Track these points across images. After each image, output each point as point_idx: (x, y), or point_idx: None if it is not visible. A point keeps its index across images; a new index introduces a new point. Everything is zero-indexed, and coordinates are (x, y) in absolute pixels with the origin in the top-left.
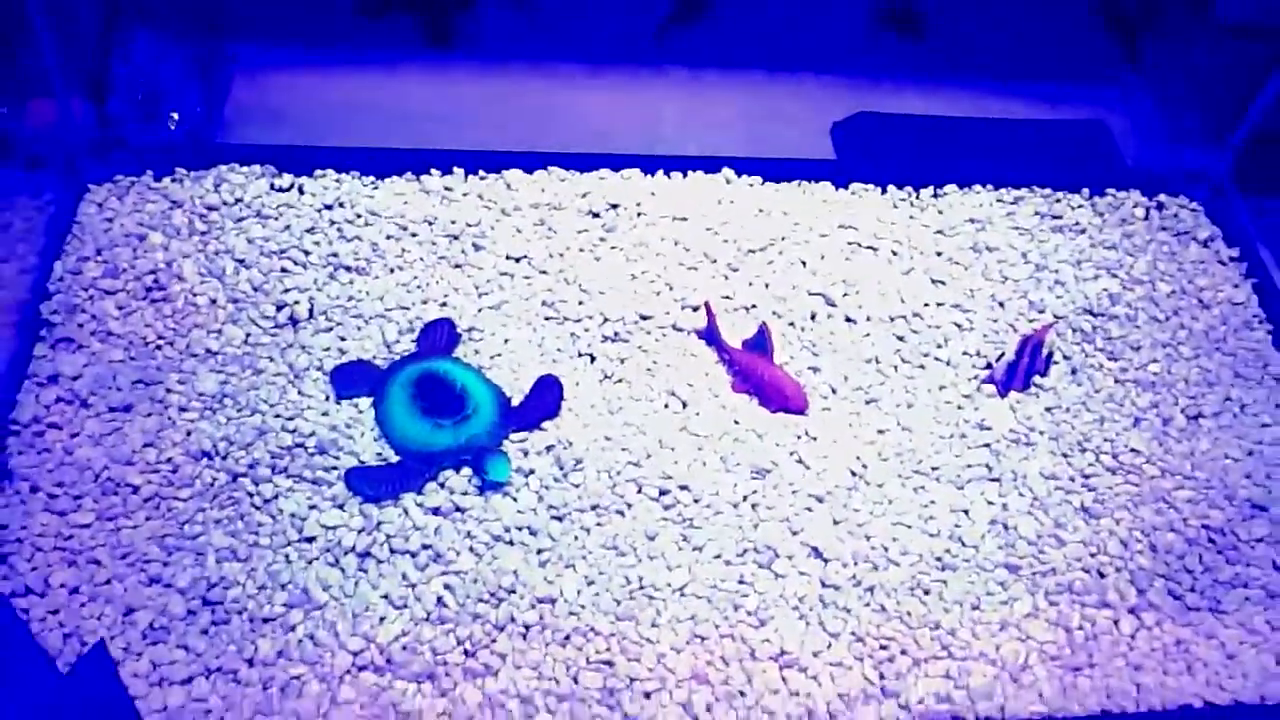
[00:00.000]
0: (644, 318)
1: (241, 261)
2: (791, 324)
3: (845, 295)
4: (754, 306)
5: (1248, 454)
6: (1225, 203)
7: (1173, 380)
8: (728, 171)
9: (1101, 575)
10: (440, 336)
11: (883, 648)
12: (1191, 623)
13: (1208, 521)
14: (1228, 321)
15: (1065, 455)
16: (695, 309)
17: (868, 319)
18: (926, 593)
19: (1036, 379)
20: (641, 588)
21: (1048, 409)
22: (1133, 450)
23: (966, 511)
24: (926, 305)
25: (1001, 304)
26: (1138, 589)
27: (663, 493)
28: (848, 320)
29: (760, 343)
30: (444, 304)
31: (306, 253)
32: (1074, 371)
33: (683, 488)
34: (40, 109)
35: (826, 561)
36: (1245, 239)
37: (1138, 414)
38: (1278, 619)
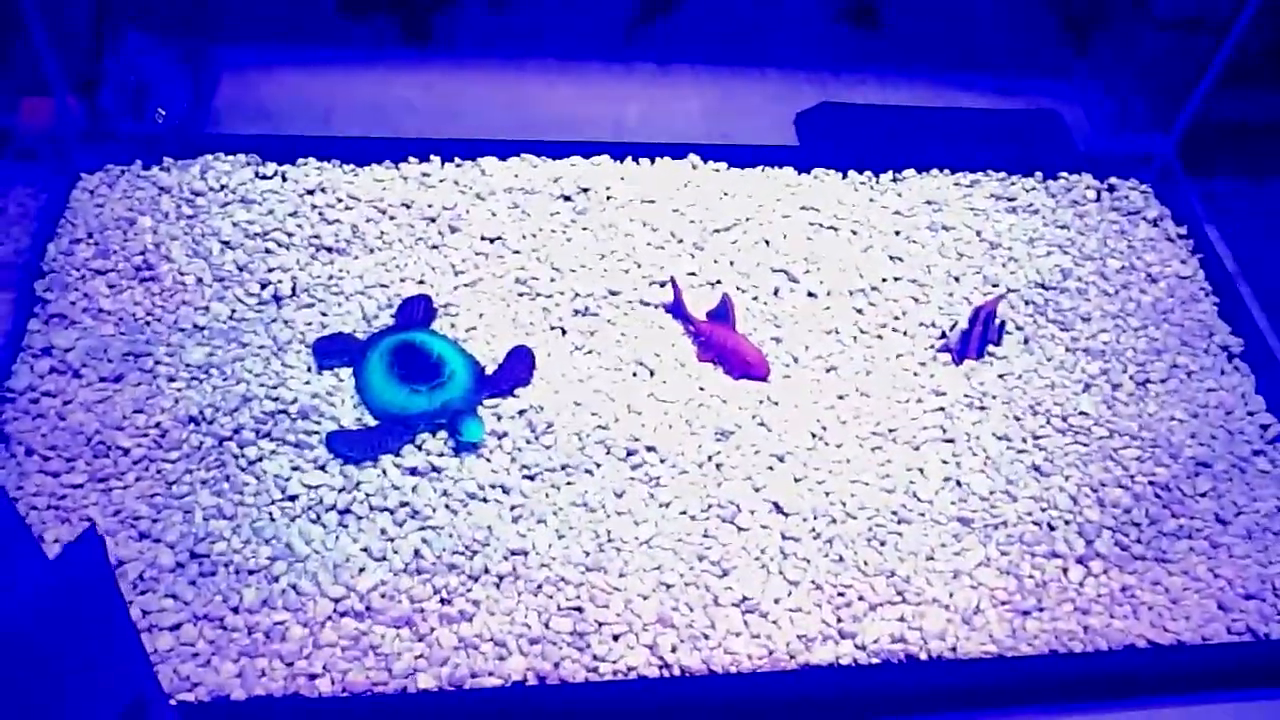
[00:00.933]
0: (613, 293)
1: (227, 243)
2: (755, 299)
3: (806, 272)
4: (718, 282)
5: (1193, 416)
6: (1173, 184)
7: (1122, 349)
8: (693, 157)
9: (1051, 528)
10: (417, 311)
11: (840, 594)
12: (1137, 571)
13: (1154, 478)
14: (1175, 294)
15: (1017, 418)
16: (662, 285)
17: (828, 294)
18: (883, 544)
19: (990, 348)
20: (610, 540)
21: (1000, 376)
22: (1082, 413)
23: (922, 470)
24: (885, 280)
25: (957, 279)
26: (1086, 540)
27: (630, 453)
28: (809, 295)
29: (723, 313)
30: (421, 282)
31: (289, 234)
32: (1026, 341)
33: (649, 449)
34: (34, 106)
35: (787, 516)
36: (1192, 218)
37: (1087, 380)
38: (1219, 567)
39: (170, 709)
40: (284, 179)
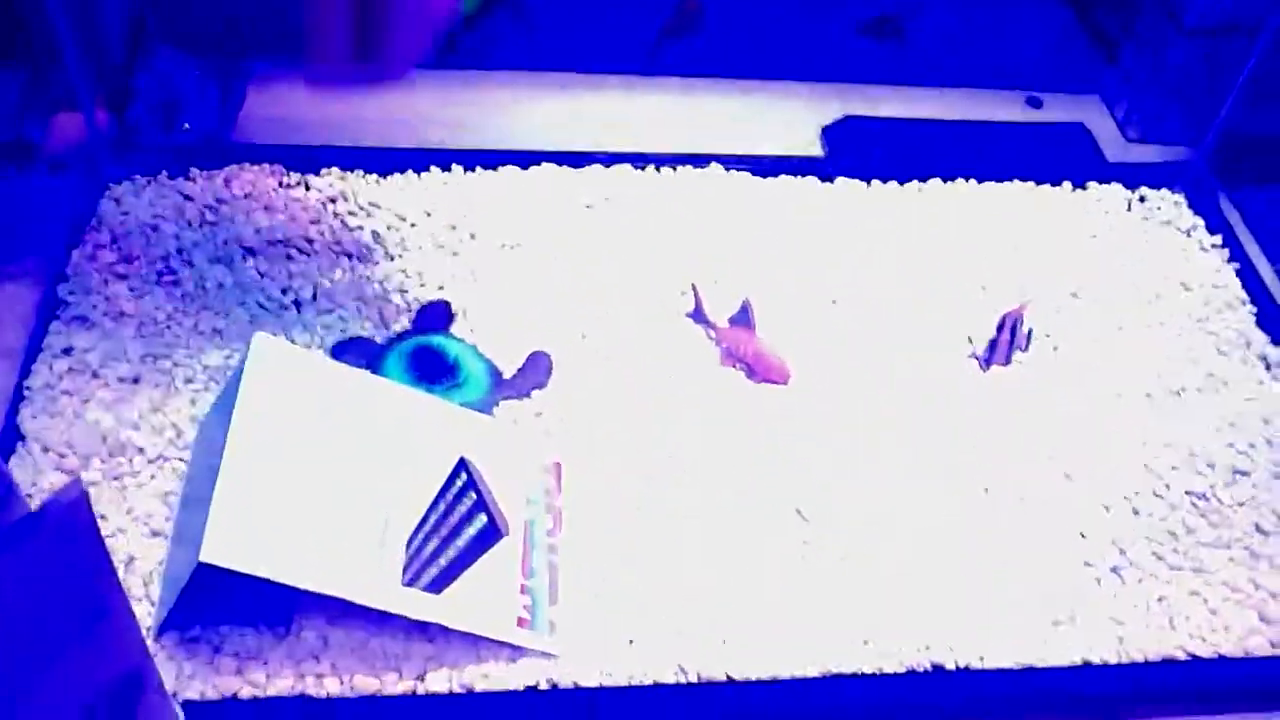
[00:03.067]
0: (634, 300)
1: (249, 249)
2: (778, 304)
3: (829, 278)
4: (740, 288)
5: (1230, 425)
6: (1206, 194)
7: (1155, 358)
8: (716, 167)
9: (1083, 536)
10: (437, 316)
11: (864, 601)
12: (1174, 581)
13: (1190, 487)
14: (1210, 303)
15: (1046, 426)
16: (683, 292)
17: (851, 300)
18: (909, 551)
19: (1018, 356)
20: (624, 544)
21: (1029, 383)
22: (1114, 420)
23: (948, 477)
24: (909, 288)
25: (984, 287)
26: (1119, 549)
27: (646, 456)
28: (832, 302)
29: (744, 318)
30: (441, 288)
31: (310, 241)
32: (1056, 349)
33: (667, 453)
34: (66, 121)
35: (808, 521)
36: (1226, 227)
37: (1120, 388)
38: (1260, 577)
39: (164, 690)
40: (307, 188)
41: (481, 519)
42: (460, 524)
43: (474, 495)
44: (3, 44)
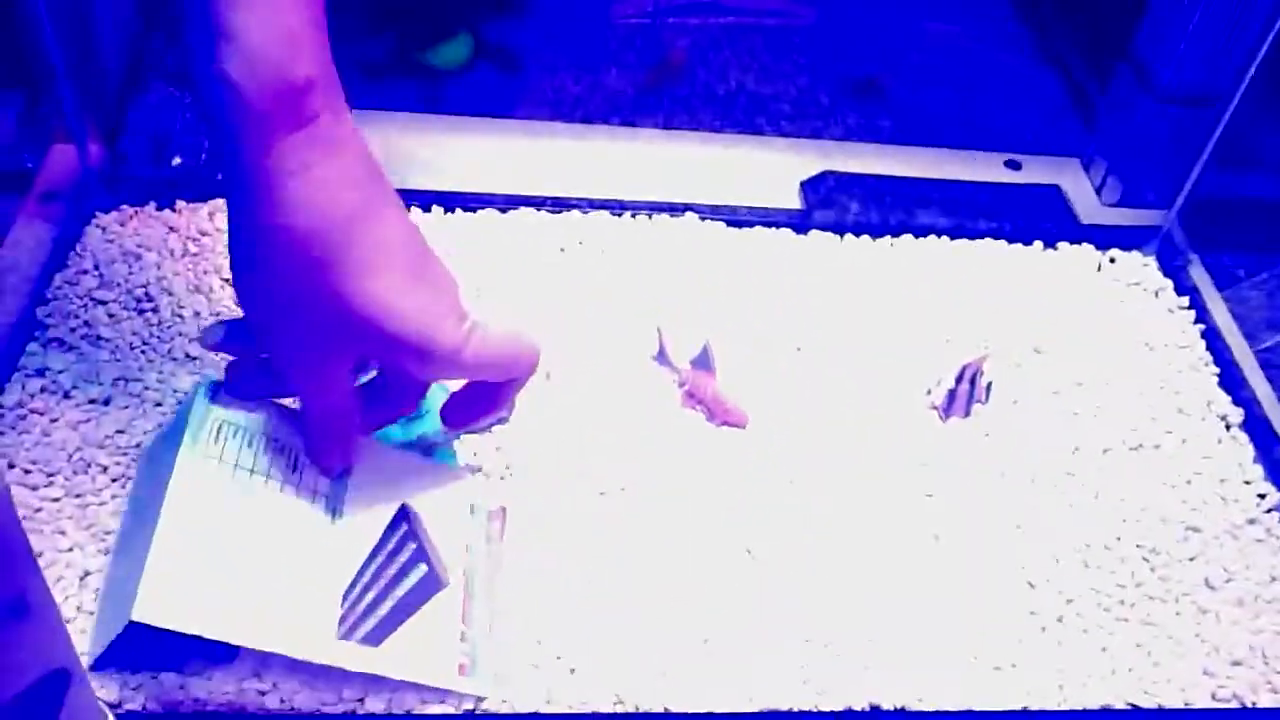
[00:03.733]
0: (600, 341)
1: (227, 281)
2: (742, 349)
3: (796, 326)
4: (706, 333)
5: (1186, 482)
6: (1175, 257)
7: (1114, 414)
8: (691, 216)
9: (1031, 586)
10: None
11: (807, 640)
12: (1118, 631)
13: (1141, 541)
14: (1173, 363)
15: (1002, 476)
16: (650, 335)
17: (815, 347)
18: (855, 594)
19: (977, 407)
20: (573, 577)
21: (987, 434)
22: (1069, 475)
23: (901, 525)
24: (874, 337)
25: (948, 340)
26: (1066, 599)
27: (602, 493)
28: (797, 350)
29: (704, 362)
30: None
31: None
32: (1015, 402)
33: (622, 489)
34: (61, 151)
35: (758, 561)
36: (1194, 290)
37: (1077, 443)
38: (1205, 632)
39: (91, 693)
40: None
41: (422, 568)
42: (400, 573)
43: (414, 544)
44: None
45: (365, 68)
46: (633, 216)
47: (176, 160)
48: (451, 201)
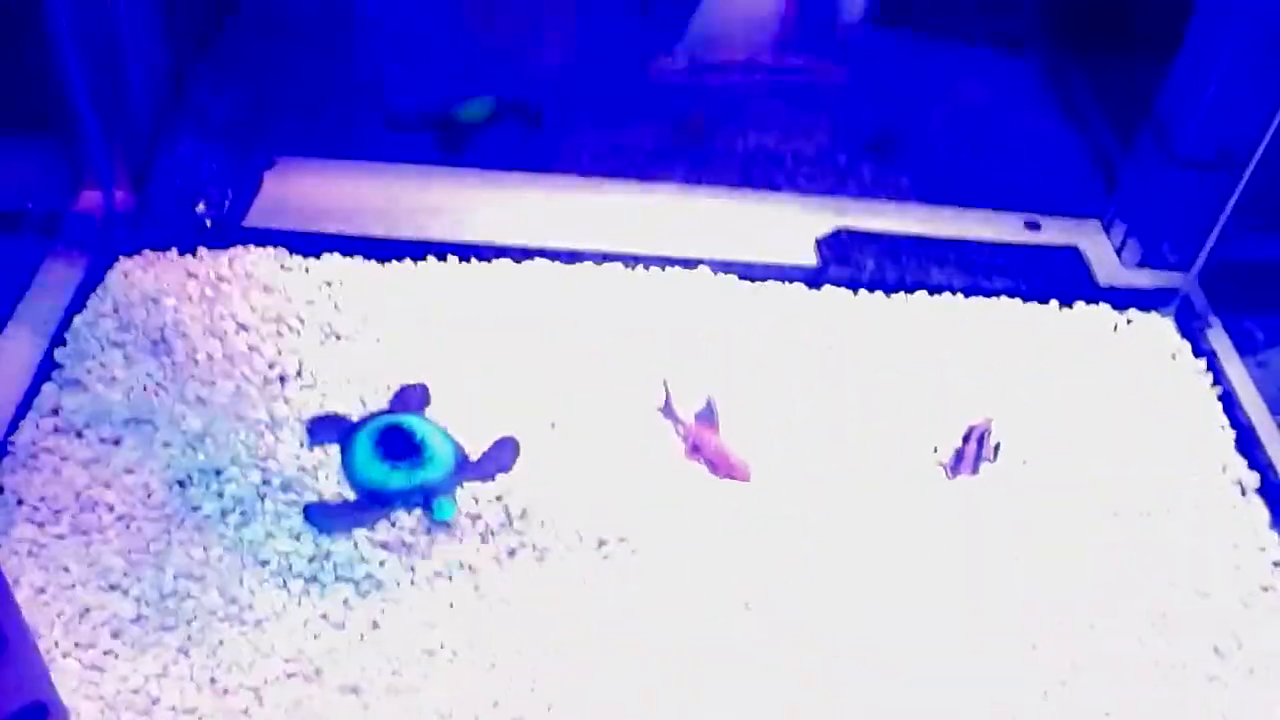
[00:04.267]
0: (608, 392)
1: (242, 325)
2: (750, 403)
3: (806, 381)
4: (714, 386)
5: (1198, 546)
6: (1193, 320)
7: (1128, 476)
8: (704, 269)
9: (1034, 648)
10: (413, 398)
11: (802, 696)
12: (1123, 696)
13: (1150, 605)
14: (1189, 426)
15: (1008, 536)
16: (656, 388)
17: (824, 403)
18: (857, 653)
19: (986, 465)
20: (571, 627)
21: (994, 495)
22: (1078, 536)
23: (906, 585)
24: (884, 394)
25: (959, 399)
26: (1070, 662)
27: (602, 543)
28: (805, 404)
29: (708, 415)
30: (421, 372)
31: (302, 320)
32: (1025, 462)
33: (621, 540)
34: (90, 196)
35: (755, 617)
36: (1212, 352)
37: (1087, 504)
38: (1211, 696)
39: None
40: (307, 271)
41: None
42: None
43: None
44: (34, 118)
45: (391, 120)
46: (645, 269)
47: (201, 208)
48: (467, 252)
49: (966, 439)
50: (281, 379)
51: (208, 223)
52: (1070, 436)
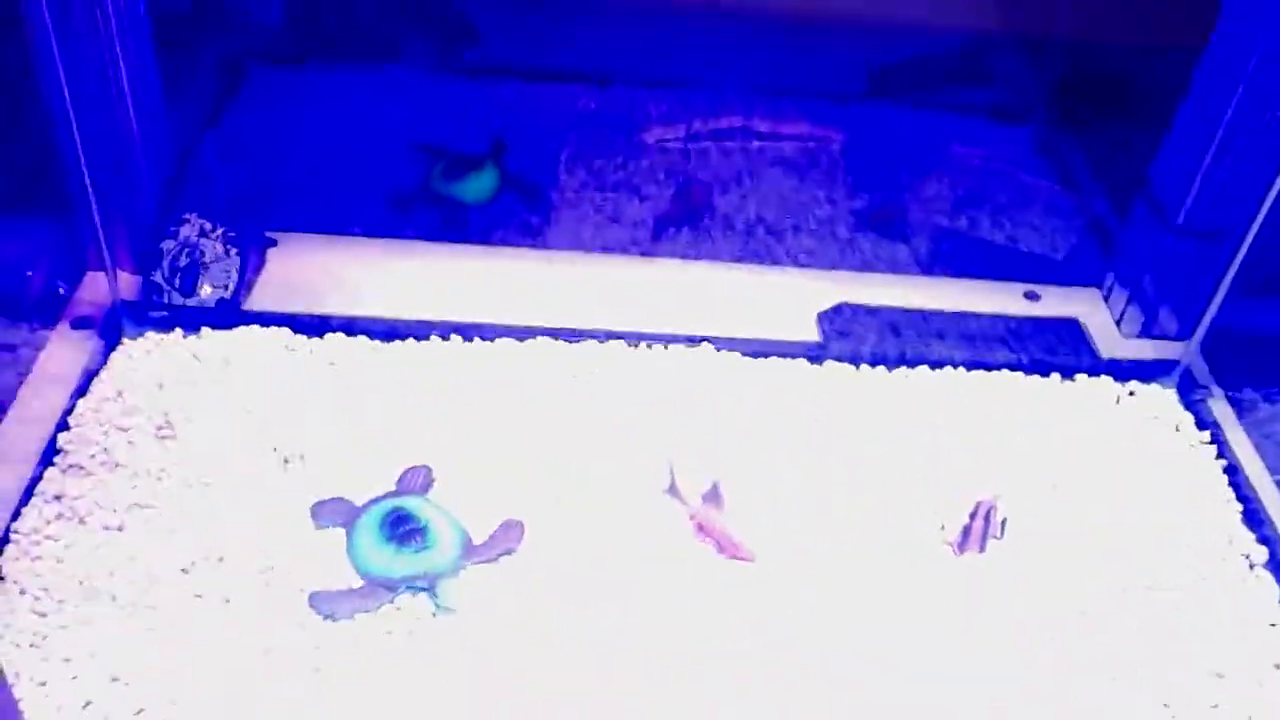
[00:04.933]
0: (613, 474)
1: (248, 410)
2: (754, 481)
3: (809, 458)
4: (720, 464)
5: (1206, 624)
6: (1196, 391)
7: (1134, 551)
8: (707, 346)
9: None
10: (417, 481)
11: None
12: None
13: (1161, 687)
14: (1194, 500)
15: (1015, 614)
16: (662, 467)
17: (828, 480)
18: None
19: (993, 542)
20: (575, 714)
21: (1001, 571)
22: (1083, 614)
23: (912, 661)
24: (888, 471)
25: (963, 474)
26: None
27: (610, 627)
28: (809, 481)
29: (714, 497)
30: (425, 452)
31: (307, 402)
32: (1032, 538)
33: (630, 624)
34: (92, 280)
35: (758, 698)
36: (1215, 424)
37: (1093, 581)
38: None
39: None
40: (310, 352)
41: None
42: None
43: None
44: (39, 199)
45: (394, 198)
46: (649, 347)
47: (206, 289)
48: (470, 332)
49: (974, 515)
50: (286, 461)
51: (211, 304)
52: (1075, 512)
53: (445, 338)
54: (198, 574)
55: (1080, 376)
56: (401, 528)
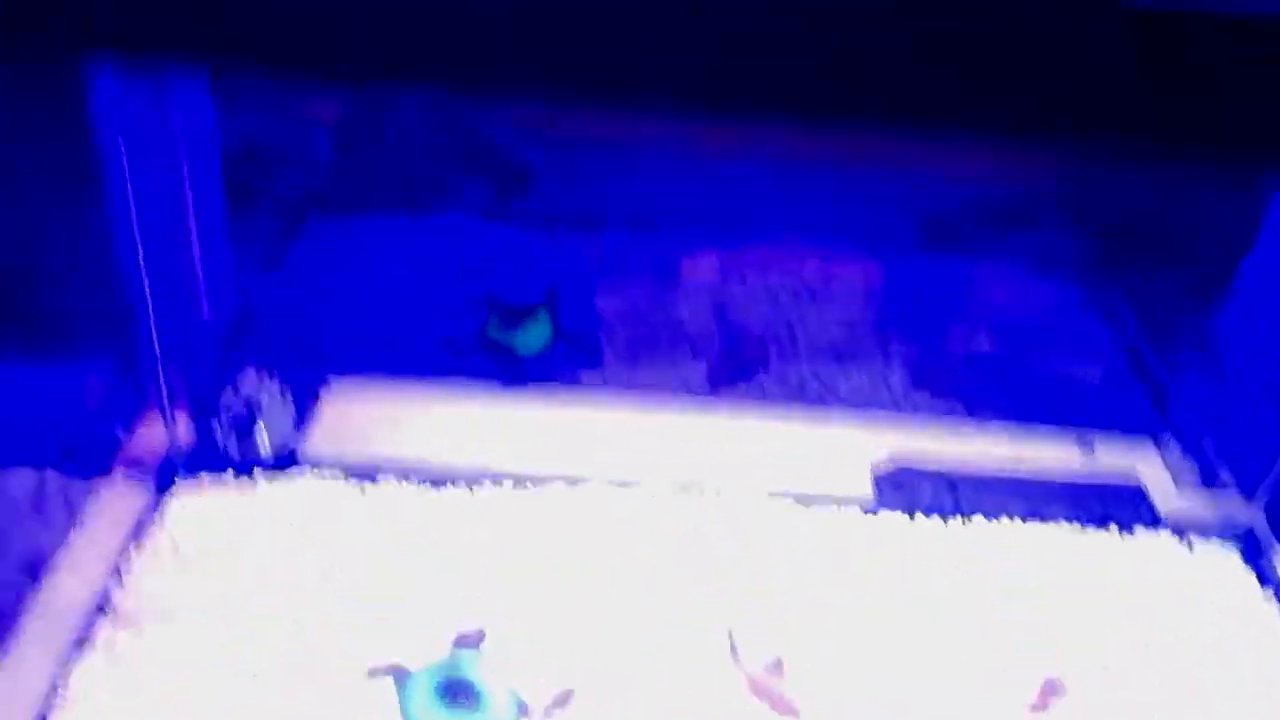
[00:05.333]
0: (667, 629)
1: (302, 563)
2: (809, 638)
3: (864, 613)
4: (777, 627)
5: None
6: (1258, 546)
7: (1192, 709)
8: (760, 495)
9: None
10: (470, 644)
11: None
12: None
13: None
14: (1259, 664)
15: None
16: (717, 623)
17: (882, 636)
18: None
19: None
20: None
21: None
22: None
23: None
24: (942, 626)
25: (1020, 628)
26: None
27: None
28: (865, 636)
29: (776, 668)
30: (478, 609)
31: (355, 564)
32: (1087, 702)
33: None
34: (148, 426)
35: None
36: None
37: None
38: None
39: None
40: (363, 493)
41: None
42: None
43: None
44: (97, 341)
45: (449, 345)
46: (700, 495)
47: (263, 437)
48: (523, 478)
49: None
50: (339, 622)
51: (268, 452)
52: (1138, 678)
53: (497, 483)
54: None
55: (1139, 529)
56: (456, 694)
